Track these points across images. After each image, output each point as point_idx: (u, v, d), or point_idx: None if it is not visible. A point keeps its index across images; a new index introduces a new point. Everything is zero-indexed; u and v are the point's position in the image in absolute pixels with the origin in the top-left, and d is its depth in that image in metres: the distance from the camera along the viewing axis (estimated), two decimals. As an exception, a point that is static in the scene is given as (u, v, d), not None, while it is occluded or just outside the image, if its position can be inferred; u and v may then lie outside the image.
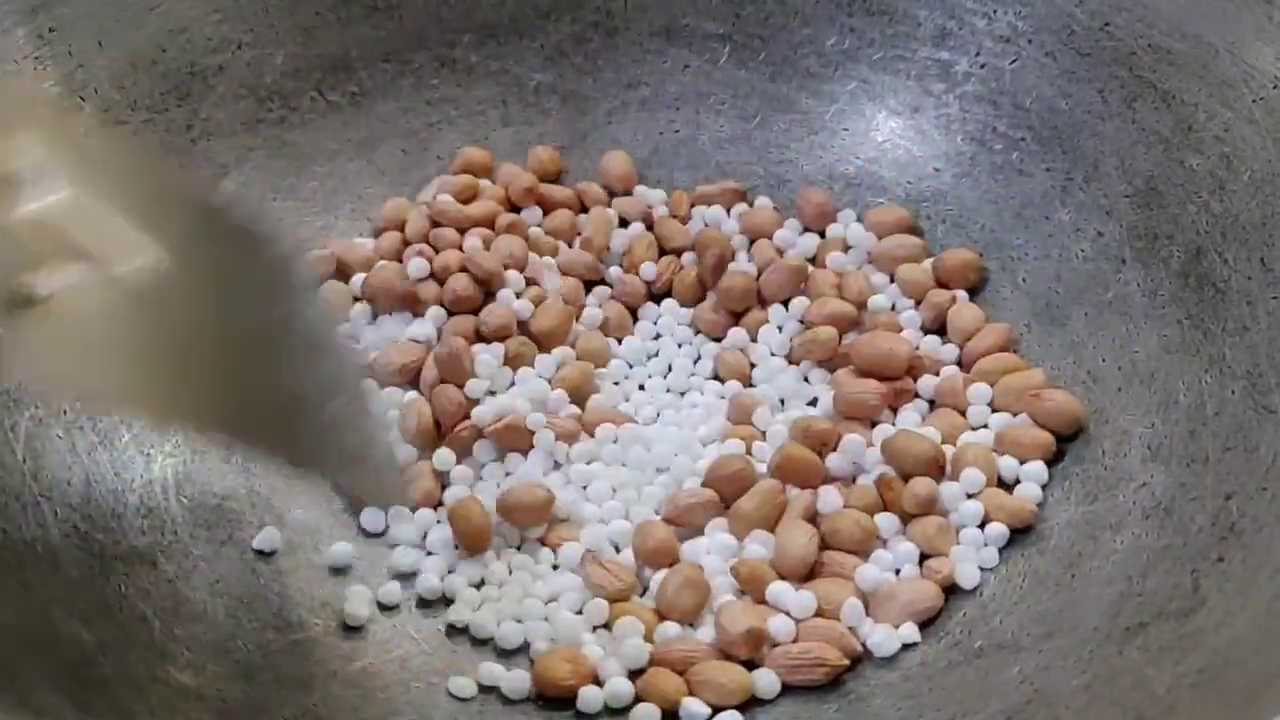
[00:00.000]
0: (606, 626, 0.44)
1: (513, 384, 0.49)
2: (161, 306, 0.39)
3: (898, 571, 0.44)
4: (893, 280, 0.51)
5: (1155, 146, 0.49)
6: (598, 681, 0.42)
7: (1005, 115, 0.52)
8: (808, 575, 0.44)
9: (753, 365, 0.50)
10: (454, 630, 0.44)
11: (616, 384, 0.50)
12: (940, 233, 0.52)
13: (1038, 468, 0.46)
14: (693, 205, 0.54)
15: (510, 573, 0.45)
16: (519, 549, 0.46)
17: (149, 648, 0.41)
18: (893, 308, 0.51)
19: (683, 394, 0.50)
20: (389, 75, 0.55)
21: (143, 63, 0.52)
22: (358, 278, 0.51)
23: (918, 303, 0.51)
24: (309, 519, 0.46)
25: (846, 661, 0.42)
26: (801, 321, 0.50)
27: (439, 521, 0.46)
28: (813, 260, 0.52)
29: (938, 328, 0.50)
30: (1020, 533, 0.45)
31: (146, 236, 0.39)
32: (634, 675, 0.42)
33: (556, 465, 0.47)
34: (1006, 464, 0.46)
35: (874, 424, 0.48)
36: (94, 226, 0.38)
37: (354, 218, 0.54)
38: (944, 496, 0.45)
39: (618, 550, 0.45)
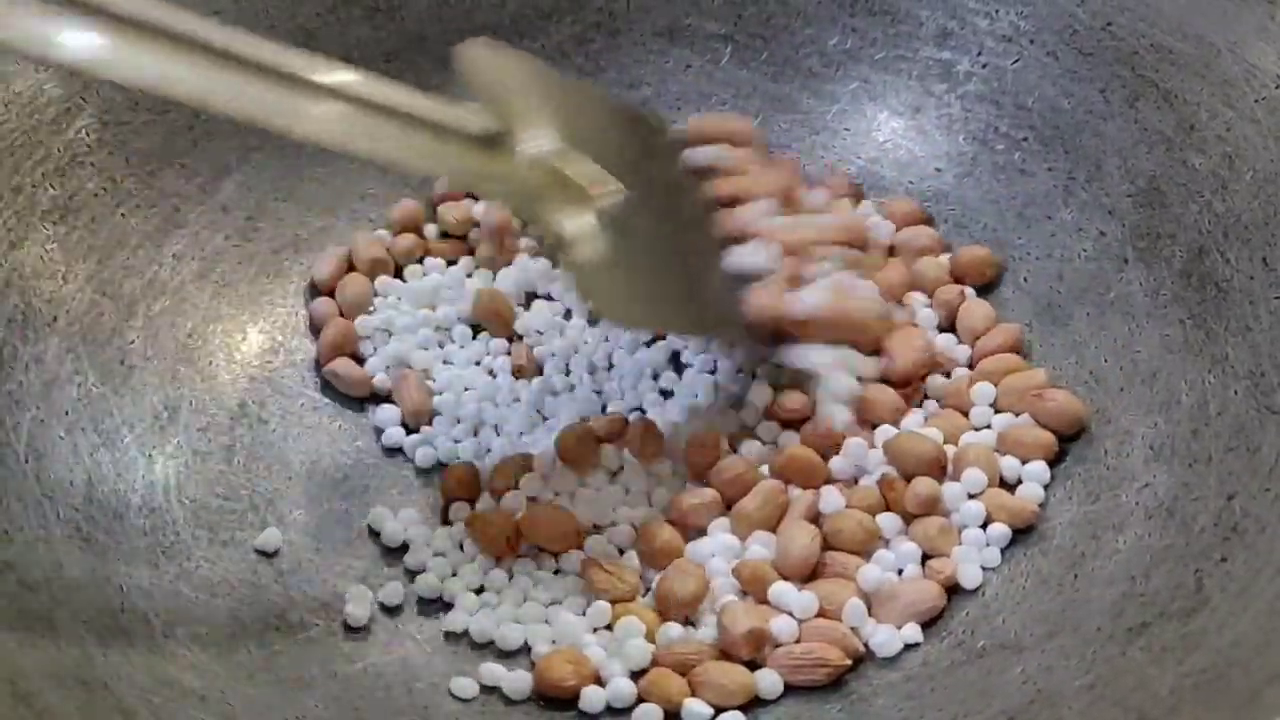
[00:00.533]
0: (608, 628, 0.44)
1: None
2: (632, 231, 0.44)
3: (900, 572, 0.44)
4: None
5: (1157, 146, 0.49)
6: (599, 682, 0.42)
7: (1007, 115, 0.52)
8: (810, 575, 0.44)
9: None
10: (455, 631, 0.44)
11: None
12: (943, 232, 0.52)
13: (1040, 468, 0.46)
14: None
15: (510, 578, 0.45)
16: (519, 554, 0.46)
17: (150, 649, 0.41)
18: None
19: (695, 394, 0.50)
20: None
21: (144, 64, 0.52)
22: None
23: (930, 295, 0.50)
24: (310, 519, 0.46)
25: (849, 662, 0.42)
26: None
27: (448, 523, 0.46)
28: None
29: (949, 325, 0.50)
30: (1022, 533, 0.45)
31: (609, 171, 0.44)
32: (636, 676, 0.42)
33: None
34: (1008, 464, 0.46)
35: (875, 425, 0.48)
36: (578, 169, 0.43)
37: (355, 219, 0.54)
38: (946, 497, 0.45)
39: (621, 553, 0.45)
